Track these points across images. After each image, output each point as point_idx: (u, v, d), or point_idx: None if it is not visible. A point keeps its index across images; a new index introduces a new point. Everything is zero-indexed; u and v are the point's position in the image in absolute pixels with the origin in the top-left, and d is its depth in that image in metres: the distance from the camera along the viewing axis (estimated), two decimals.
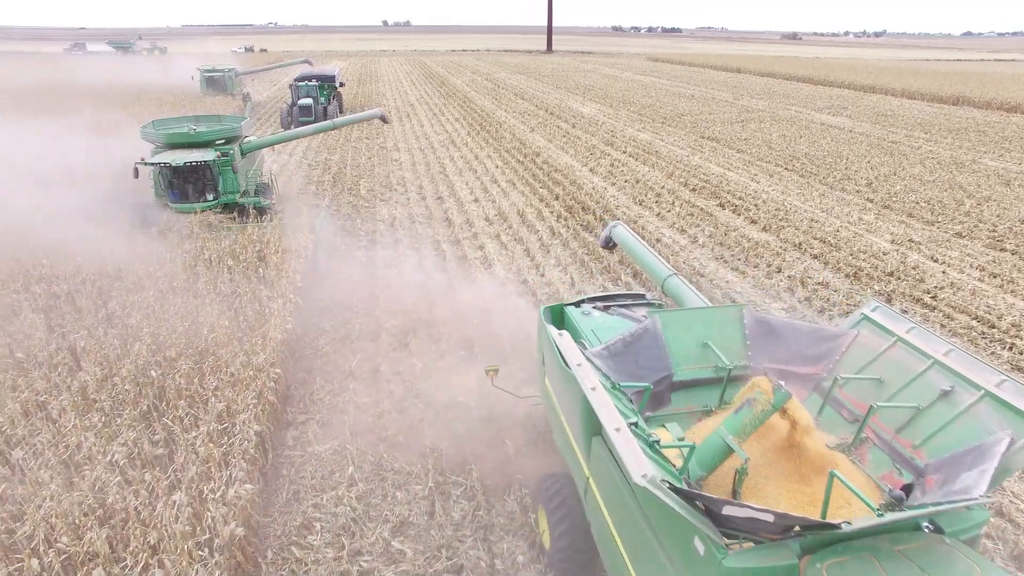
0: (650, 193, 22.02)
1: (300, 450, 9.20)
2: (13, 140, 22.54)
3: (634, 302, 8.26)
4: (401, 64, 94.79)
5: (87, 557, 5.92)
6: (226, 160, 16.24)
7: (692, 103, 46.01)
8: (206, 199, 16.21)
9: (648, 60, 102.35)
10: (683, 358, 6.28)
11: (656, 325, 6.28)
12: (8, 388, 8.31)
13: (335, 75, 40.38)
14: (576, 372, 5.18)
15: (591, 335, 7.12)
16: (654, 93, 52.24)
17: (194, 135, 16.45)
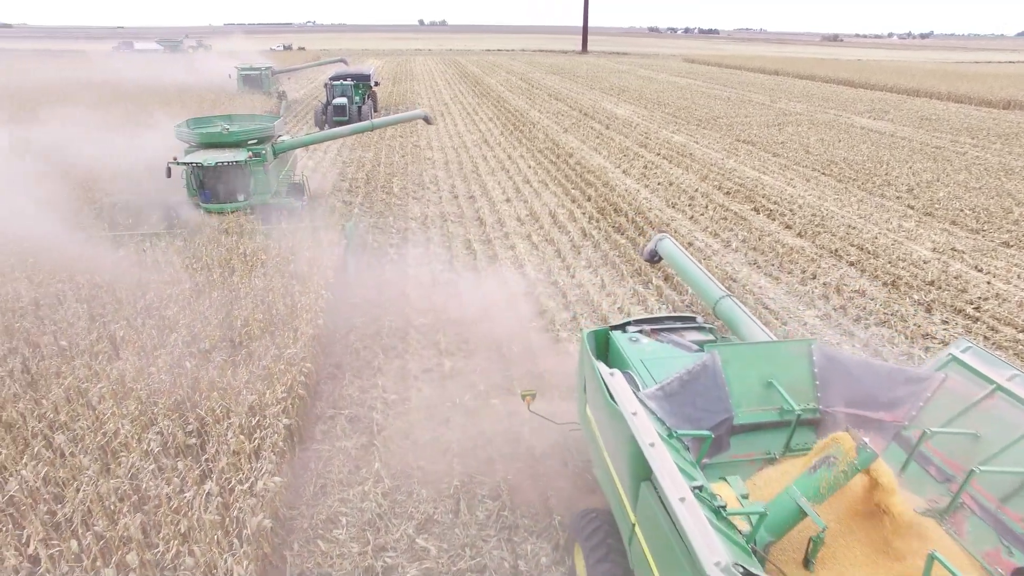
0: (683, 196, 21.79)
1: (328, 444, 9.31)
2: (59, 136, 23.10)
3: (684, 326, 7.67)
4: (436, 63, 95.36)
5: (121, 541, 6.07)
6: (258, 160, 16.00)
7: (728, 105, 45.39)
8: (237, 200, 16.01)
9: (684, 61, 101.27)
10: (744, 398, 5.72)
11: (715, 362, 5.70)
12: (53, 374, 8.57)
13: (370, 74, 40.27)
14: (632, 423, 4.75)
15: (640, 366, 6.59)
16: (689, 95, 51.67)
17: (227, 135, 16.33)
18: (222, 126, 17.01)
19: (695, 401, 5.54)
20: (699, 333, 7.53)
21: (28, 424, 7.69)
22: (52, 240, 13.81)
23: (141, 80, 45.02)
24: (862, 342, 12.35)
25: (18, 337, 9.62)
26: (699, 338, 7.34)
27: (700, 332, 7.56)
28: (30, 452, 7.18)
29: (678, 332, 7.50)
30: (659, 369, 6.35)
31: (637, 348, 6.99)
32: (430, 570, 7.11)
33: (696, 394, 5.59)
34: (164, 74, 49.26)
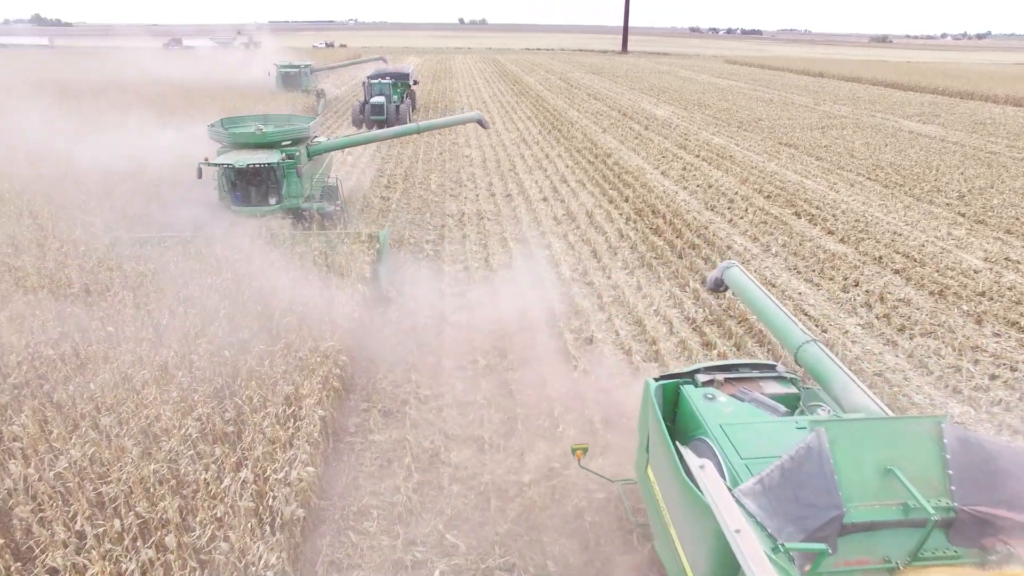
0: (722, 199, 21.45)
1: (361, 437, 9.41)
2: (103, 135, 23.50)
3: (762, 375, 6.75)
4: (475, 62, 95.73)
5: (160, 523, 6.23)
6: (291, 163, 15.39)
7: (770, 108, 44.55)
8: (268, 203, 15.53)
9: (726, 63, 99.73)
10: (857, 489, 4.61)
11: (821, 443, 4.70)
12: (100, 359, 8.84)
13: (409, 73, 40.20)
14: (735, 541, 4.17)
15: (719, 432, 5.64)
16: (731, 96, 50.88)
17: (260, 136, 15.78)
18: (256, 126, 16.63)
19: (798, 494, 4.58)
20: (780, 384, 6.60)
21: (77, 406, 7.96)
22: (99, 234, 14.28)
23: (190, 77, 46.13)
24: (906, 352, 11.99)
25: (69, 322, 9.95)
26: (780, 391, 6.46)
27: (781, 383, 6.62)
28: (79, 433, 7.42)
29: (754, 382, 6.61)
30: (743, 439, 5.49)
31: (714, 409, 5.99)
32: (459, 566, 7.12)
33: (799, 485, 4.61)
34: (212, 71, 50.32)
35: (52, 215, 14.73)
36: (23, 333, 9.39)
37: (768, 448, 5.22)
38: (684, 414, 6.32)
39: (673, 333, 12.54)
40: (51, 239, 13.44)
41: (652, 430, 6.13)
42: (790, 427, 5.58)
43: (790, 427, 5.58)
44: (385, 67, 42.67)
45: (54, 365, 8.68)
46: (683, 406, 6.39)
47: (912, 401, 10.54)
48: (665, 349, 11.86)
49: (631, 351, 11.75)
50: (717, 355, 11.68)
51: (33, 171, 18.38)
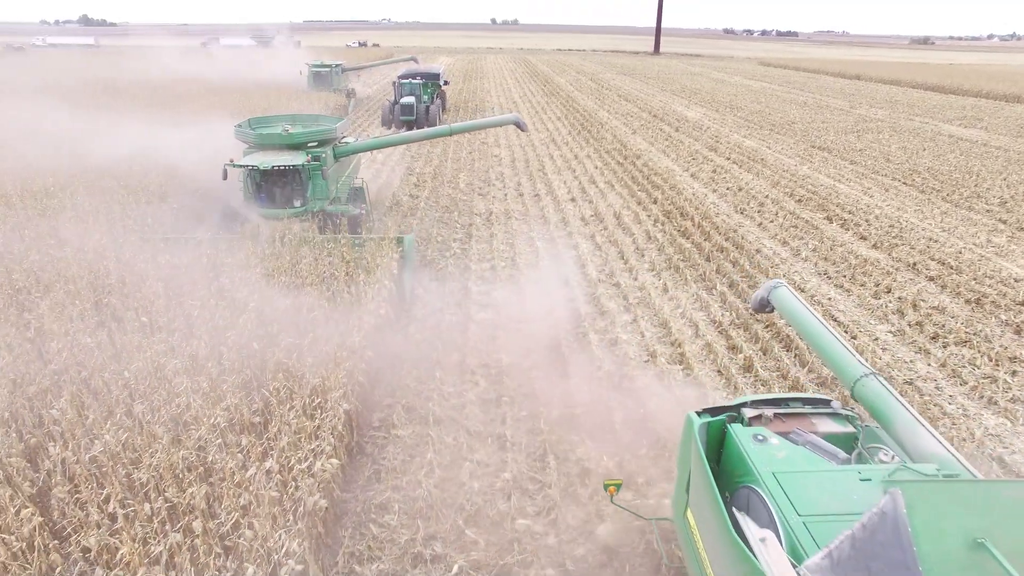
0: (752, 202, 21.18)
1: (384, 432, 9.51)
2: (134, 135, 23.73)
3: (815, 409, 6.12)
4: (507, 62, 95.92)
5: (187, 509, 6.39)
6: (316, 165, 15.06)
7: (804, 110, 43.83)
8: (293, 205, 15.20)
9: (759, 65, 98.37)
10: (940, 566, 3.91)
11: (897, 508, 4.03)
12: (134, 348, 9.09)
13: (439, 73, 40.02)
14: None
15: (772, 483, 4.98)
16: (763, 99, 50.19)
17: (286, 136, 15.45)
18: (283, 127, 16.31)
19: (872, 569, 3.96)
20: (835, 422, 5.98)
21: (112, 392, 8.20)
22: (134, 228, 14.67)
23: (227, 75, 47.00)
24: (938, 361, 11.72)
25: (106, 312, 10.25)
26: (835, 429, 5.87)
27: (836, 421, 6.01)
28: (113, 419, 7.64)
29: (807, 419, 6.00)
30: (801, 492, 4.85)
31: (766, 454, 5.33)
32: (477, 562, 7.17)
33: (872, 557, 3.96)
34: (247, 69, 51.13)
35: (93, 208, 15.15)
36: (63, 321, 9.71)
37: (829, 504, 4.70)
38: (731, 456, 5.69)
39: (699, 336, 12.44)
40: (92, 231, 13.83)
41: (695, 472, 5.61)
42: (852, 478, 4.94)
43: (852, 478, 4.94)
44: (416, 67, 42.51)
45: (91, 353, 8.94)
46: (730, 447, 5.75)
47: (944, 411, 10.30)
48: (690, 352, 11.77)
49: (656, 353, 11.69)
50: (743, 359, 11.57)
51: (77, 166, 18.90)
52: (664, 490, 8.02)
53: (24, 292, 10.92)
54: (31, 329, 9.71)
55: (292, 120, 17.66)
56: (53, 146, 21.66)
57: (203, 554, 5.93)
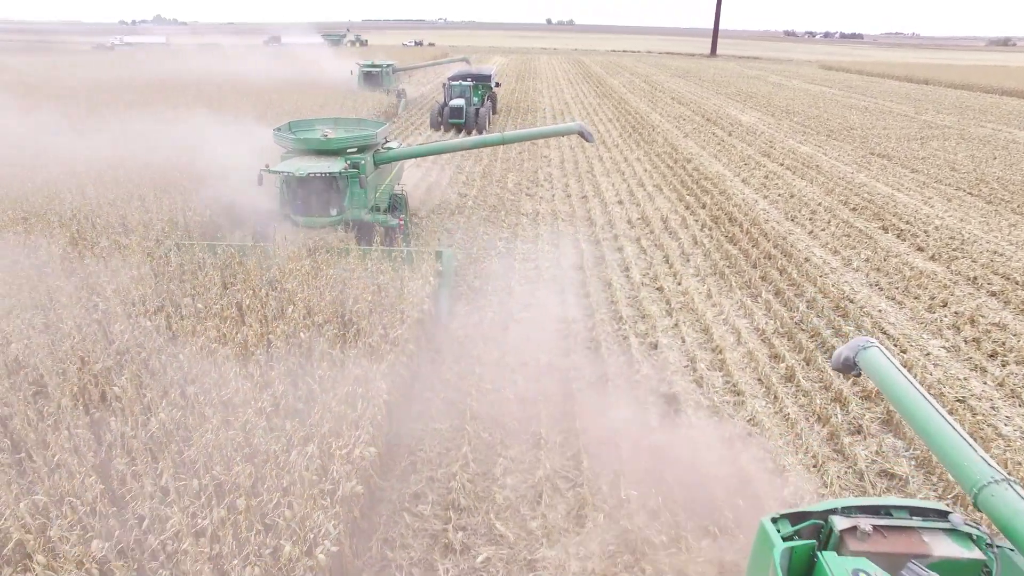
0: (804, 209, 20.70)
1: (422, 424, 9.75)
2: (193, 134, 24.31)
3: (926, 523, 4.71)
4: (560, 62, 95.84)
5: (233, 486, 6.72)
6: (354, 173, 14.49)
7: (864, 116, 42.44)
8: (329, 214, 14.61)
9: (820, 68, 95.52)
10: None
11: None
12: (188, 333, 9.57)
13: (491, 75, 39.11)
14: None
15: None
16: (822, 103, 48.79)
17: (324, 142, 14.92)
18: (322, 131, 15.78)
19: None
20: (955, 542, 4.52)
21: (168, 373, 8.66)
22: (195, 219, 15.32)
23: (285, 74, 48.34)
24: (996, 380, 11.27)
25: (165, 297, 10.80)
26: (957, 553, 4.43)
27: (956, 540, 4.54)
28: (168, 398, 8.08)
29: (917, 536, 4.61)
30: None
31: None
32: (505, 555, 7.31)
33: None
34: (305, 68, 52.40)
35: (156, 198, 15.91)
36: (127, 304, 10.28)
37: None
38: None
39: (741, 343, 12.29)
40: (155, 220, 14.56)
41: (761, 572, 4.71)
42: None
43: None
44: (467, 68, 41.66)
45: (150, 335, 9.46)
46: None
47: (999, 432, 9.92)
48: (731, 359, 11.65)
49: (696, 359, 11.61)
50: (785, 368, 11.38)
51: (144, 158, 19.82)
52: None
53: (94, 276, 11.60)
54: (99, 311, 10.33)
55: (334, 124, 17.20)
56: (125, 138, 22.78)
57: (244, 530, 6.24)
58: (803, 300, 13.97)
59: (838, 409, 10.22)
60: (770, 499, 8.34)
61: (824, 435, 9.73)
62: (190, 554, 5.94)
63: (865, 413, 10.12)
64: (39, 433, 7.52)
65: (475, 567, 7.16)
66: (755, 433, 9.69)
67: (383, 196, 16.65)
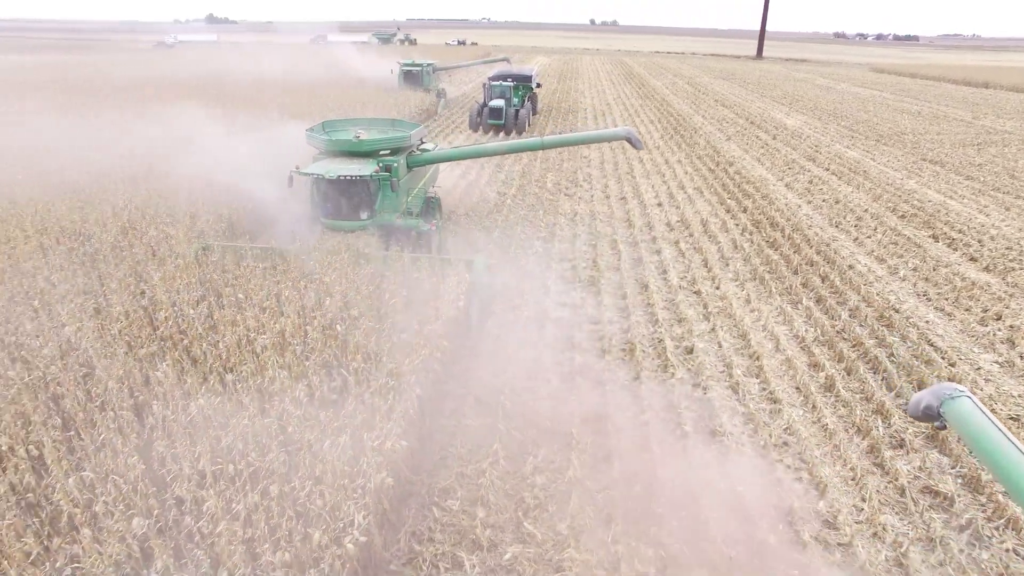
0: (850, 215, 20.15)
1: (454, 421, 9.81)
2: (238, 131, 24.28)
3: None
4: (603, 63, 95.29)
5: (267, 473, 6.87)
6: (386, 176, 14.12)
7: (917, 121, 41.09)
8: (359, 217, 14.20)
9: (871, 71, 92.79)
10: None
11: None
12: (228, 323, 9.79)
13: (532, 75, 38.32)
14: None
15: None
16: (872, 107, 47.43)
17: (357, 143, 14.52)
18: (356, 132, 15.40)
19: None
20: None
21: (208, 360, 8.89)
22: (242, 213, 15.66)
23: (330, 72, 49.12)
24: None
25: (208, 286, 11.09)
26: None
27: None
28: (207, 385, 8.29)
29: None
30: None
31: None
32: (532, 554, 7.29)
33: None
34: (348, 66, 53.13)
35: (203, 190, 16.34)
36: (171, 292, 10.59)
37: None
38: None
39: (779, 351, 12.03)
40: (202, 212, 14.96)
41: None
42: None
43: None
44: (507, 68, 40.77)
45: (192, 323, 9.72)
46: None
47: None
48: (769, 366, 11.41)
49: (732, 364, 11.41)
50: (824, 378, 11.10)
51: (191, 152, 20.38)
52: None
53: (143, 263, 11.98)
54: (146, 298, 10.67)
55: (368, 124, 16.84)
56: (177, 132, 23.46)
57: (277, 515, 6.36)
58: (845, 308, 13.61)
59: (879, 421, 9.92)
60: (805, 512, 8.16)
61: (864, 448, 9.46)
62: (224, 536, 6.09)
63: (908, 427, 9.79)
64: (87, 413, 7.81)
65: (501, 564, 7.17)
66: (791, 442, 9.49)
67: (416, 199, 16.25)
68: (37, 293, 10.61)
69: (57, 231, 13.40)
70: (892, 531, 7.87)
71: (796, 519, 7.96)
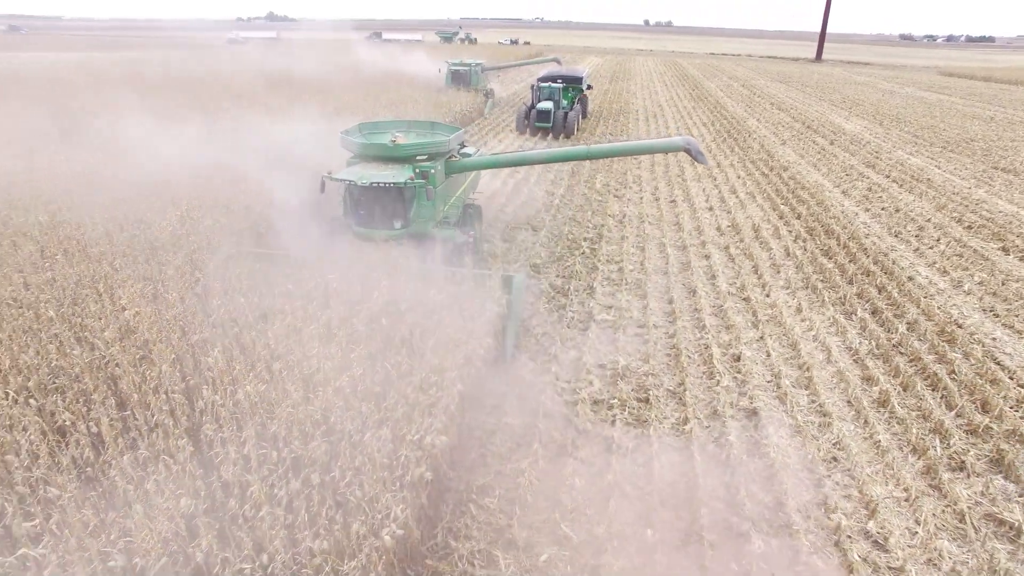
0: (911, 225, 19.36)
1: (495, 418, 9.80)
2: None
3: None
4: (656, 64, 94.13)
5: (309, 461, 6.98)
6: (422, 184, 13.17)
7: (989, 127, 39.20)
8: (393, 226, 13.36)
9: (940, 75, 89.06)
10: None
11: None
12: (277, 311, 10.01)
13: (582, 77, 36.96)
14: None
15: None
16: (939, 112, 45.49)
17: (392, 148, 13.70)
18: (393, 135, 14.62)
19: None
20: None
21: (256, 349, 9.10)
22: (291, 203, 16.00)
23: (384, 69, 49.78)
24: None
25: (258, 276, 11.36)
26: None
27: None
28: (255, 372, 8.49)
29: None
30: None
31: None
32: (568, 557, 7.22)
33: None
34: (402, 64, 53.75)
35: (259, 181, 16.74)
36: (224, 280, 10.89)
37: None
38: None
39: (830, 362, 11.63)
40: (256, 202, 15.35)
41: None
42: None
43: None
44: (557, 69, 39.37)
45: (243, 311, 9.97)
46: None
47: None
48: (819, 378, 11.05)
49: (780, 374, 11.09)
50: (878, 392, 10.68)
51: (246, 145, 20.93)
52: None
53: (199, 251, 12.36)
54: (200, 285, 11.00)
55: (407, 127, 16.04)
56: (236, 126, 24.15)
57: (317, 503, 6.46)
58: (903, 321, 13.06)
59: (937, 441, 9.48)
60: (853, 531, 7.87)
61: (919, 468, 9.06)
62: (266, 521, 6.21)
63: (970, 449, 9.33)
64: (142, 394, 8.09)
65: (537, 565, 7.12)
66: (841, 458, 9.16)
67: (454, 207, 15.44)
68: (102, 277, 11.06)
69: (121, 218, 13.94)
70: (950, 558, 7.50)
71: (842, 537, 7.68)
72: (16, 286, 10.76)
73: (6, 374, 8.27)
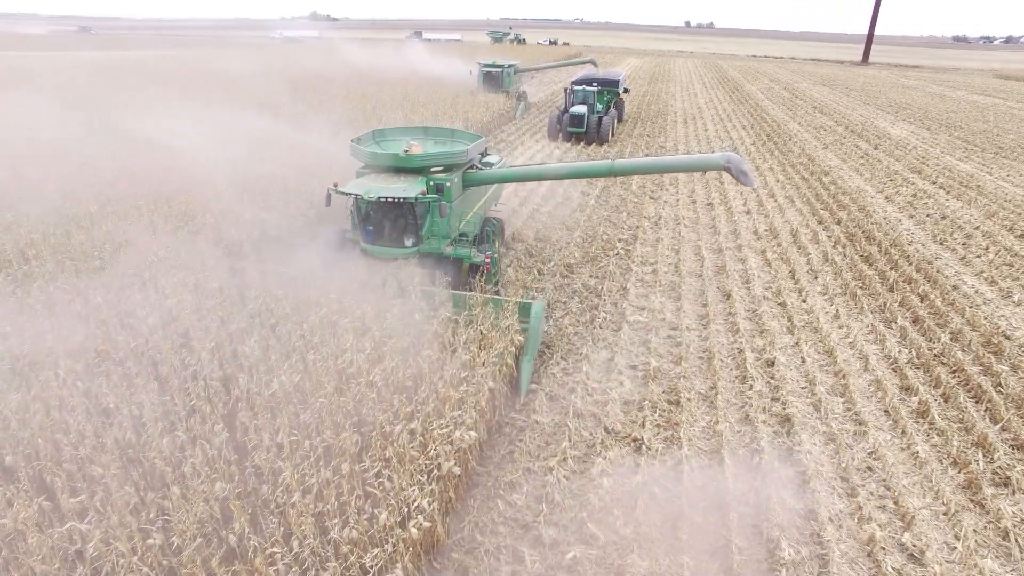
0: (958, 233, 18.77)
1: (525, 416, 9.83)
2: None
3: None
4: (696, 66, 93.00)
5: (339, 451, 7.11)
6: (435, 198, 11.93)
7: None
8: (403, 245, 12.34)
9: (994, 77, 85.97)
10: None
11: None
12: (313, 304, 10.20)
13: (619, 80, 35.31)
14: None
15: None
16: (992, 117, 43.95)
17: (404, 159, 12.54)
18: (407, 143, 13.48)
19: None
20: None
21: (291, 340, 9.29)
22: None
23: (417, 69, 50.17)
24: None
25: (297, 268, 11.59)
26: None
27: None
28: (289, 362, 8.67)
29: None
30: None
31: None
32: (594, 556, 7.20)
33: None
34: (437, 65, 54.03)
35: (296, 179, 17.10)
36: (262, 274, 11.13)
37: None
38: None
39: (867, 370, 11.36)
40: (293, 198, 15.66)
41: None
42: None
43: None
44: (593, 72, 38.11)
45: (280, 303, 10.19)
46: None
47: None
48: (855, 386, 10.80)
49: (815, 381, 10.87)
50: (917, 403, 10.40)
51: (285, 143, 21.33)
52: None
53: (238, 244, 12.66)
54: (238, 276, 11.27)
55: (424, 134, 14.91)
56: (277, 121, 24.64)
57: (347, 493, 6.57)
58: (946, 331, 12.68)
59: (980, 455, 9.19)
60: (887, 542, 7.68)
61: (960, 482, 8.79)
62: (297, 508, 6.34)
63: (1016, 464, 9.02)
64: (181, 380, 8.33)
65: (562, 563, 7.12)
66: (876, 468, 8.94)
67: (473, 222, 14.17)
68: (146, 267, 11.42)
69: (166, 210, 14.36)
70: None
71: (876, 548, 7.50)
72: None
73: (57, 357, 8.59)
